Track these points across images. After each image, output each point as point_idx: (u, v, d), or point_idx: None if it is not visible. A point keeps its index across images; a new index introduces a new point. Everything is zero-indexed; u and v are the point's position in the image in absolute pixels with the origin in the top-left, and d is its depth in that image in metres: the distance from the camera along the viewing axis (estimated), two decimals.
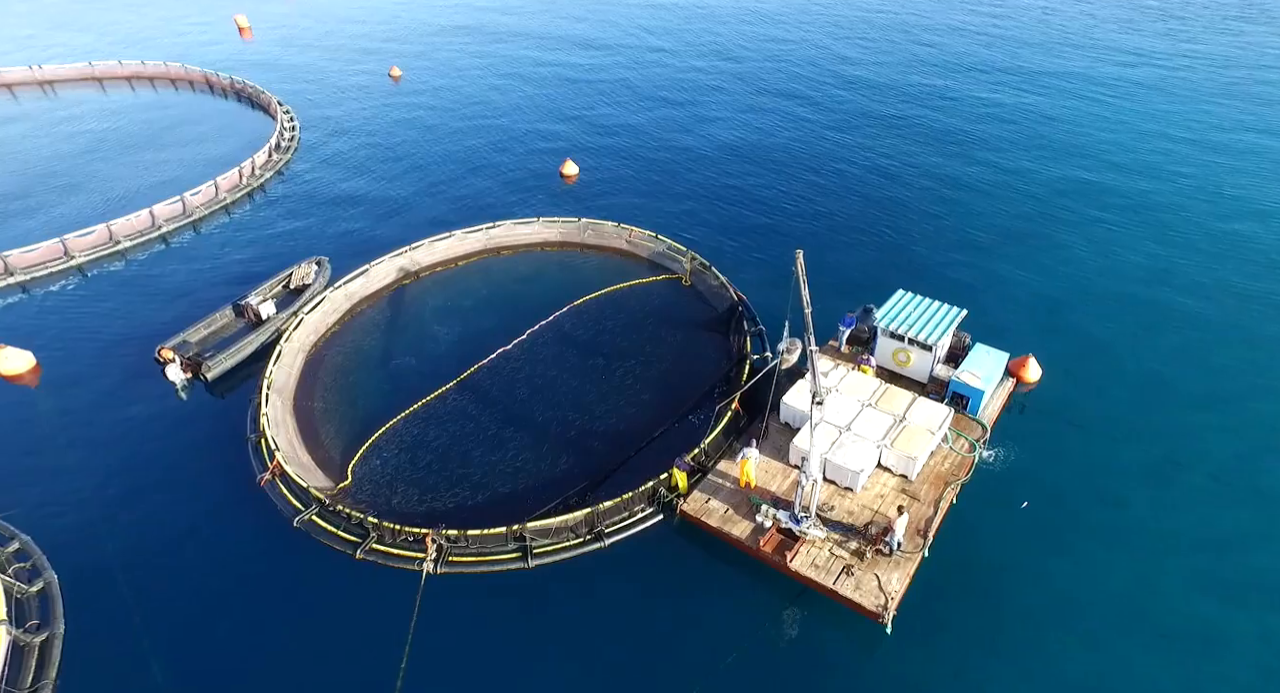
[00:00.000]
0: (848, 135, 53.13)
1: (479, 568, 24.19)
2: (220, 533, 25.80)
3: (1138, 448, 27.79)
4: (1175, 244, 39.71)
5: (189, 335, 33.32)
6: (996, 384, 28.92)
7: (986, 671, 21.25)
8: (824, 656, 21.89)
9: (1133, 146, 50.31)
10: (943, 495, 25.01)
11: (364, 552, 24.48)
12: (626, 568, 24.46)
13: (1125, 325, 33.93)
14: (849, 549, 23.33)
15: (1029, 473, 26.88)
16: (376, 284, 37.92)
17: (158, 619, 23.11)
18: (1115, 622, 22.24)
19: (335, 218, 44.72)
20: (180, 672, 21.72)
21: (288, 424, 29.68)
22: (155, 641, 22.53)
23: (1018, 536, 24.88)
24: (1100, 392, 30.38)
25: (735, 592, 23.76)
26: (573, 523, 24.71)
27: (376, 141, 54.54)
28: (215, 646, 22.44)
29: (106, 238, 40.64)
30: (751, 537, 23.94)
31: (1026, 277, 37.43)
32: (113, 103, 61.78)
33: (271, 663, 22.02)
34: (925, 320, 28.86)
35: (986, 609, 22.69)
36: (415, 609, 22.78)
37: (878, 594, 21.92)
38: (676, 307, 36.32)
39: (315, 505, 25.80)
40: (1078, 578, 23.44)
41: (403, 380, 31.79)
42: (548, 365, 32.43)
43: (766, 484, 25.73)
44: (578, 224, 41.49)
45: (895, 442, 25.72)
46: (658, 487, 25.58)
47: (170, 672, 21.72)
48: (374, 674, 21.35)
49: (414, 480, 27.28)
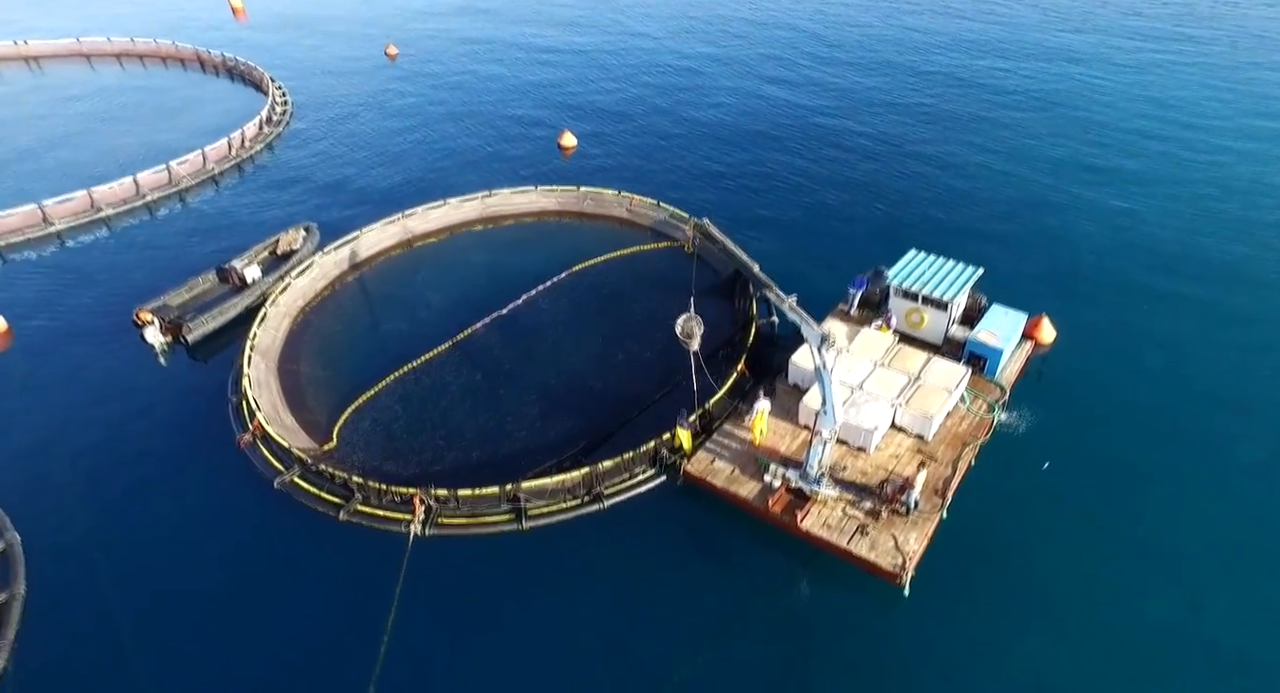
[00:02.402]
0: (852, 113, 51.78)
1: (470, 531, 22.79)
2: (196, 495, 24.43)
3: (1159, 413, 26.38)
4: (1200, 217, 38.32)
5: (169, 299, 31.94)
6: (1015, 346, 27.58)
7: (1007, 634, 19.90)
8: (838, 619, 20.52)
9: (1159, 118, 48.96)
10: (961, 456, 23.64)
11: (348, 513, 23.10)
12: (627, 531, 23.08)
13: (1143, 292, 32.55)
14: (863, 509, 21.96)
15: (1049, 436, 25.51)
16: (367, 251, 36.54)
17: (127, 583, 21.76)
18: (1137, 587, 20.85)
19: (327, 189, 43.34)
20: (148, 635, 20.36)
21: (271, 386, 28.29)
22: (123, 604, 21.18)
23: (1038, 499, 23.51)
24: (1118, 356, 28.99)
25: (742, 555, 22.38)
26: (570, 484, 23.32)
27: (371, 117, 53.16)
28: (186, 609, 21.09)
29: (88, 205, 39.26)
30: (759, 497, 22.57)
31: (1042, 245, 36.08)
32: (101, 79, 60.37)
33: (246, 626, 20.62)
34: (940, 278, 27.53)
35: (1008, 573, 21.34)
36: (402, 571, 21.37)
37: (895, 553, 20.56)
38: (679, 273, 34.82)
39: (297, 467, 24.41)
40: (1098, 543, 22.05)
41: (393, 345, 30.39)
42: (545, 329, 31.09)
43: (775, 445, 24.35)
44: (577, 192, 40.15)
45: (910, 401, 24.38)
46: (660, 447, 24.20)
47: (138, 636, 20.33)
48: (356, 638, 19.94)
49: (403, 443, 25.90)
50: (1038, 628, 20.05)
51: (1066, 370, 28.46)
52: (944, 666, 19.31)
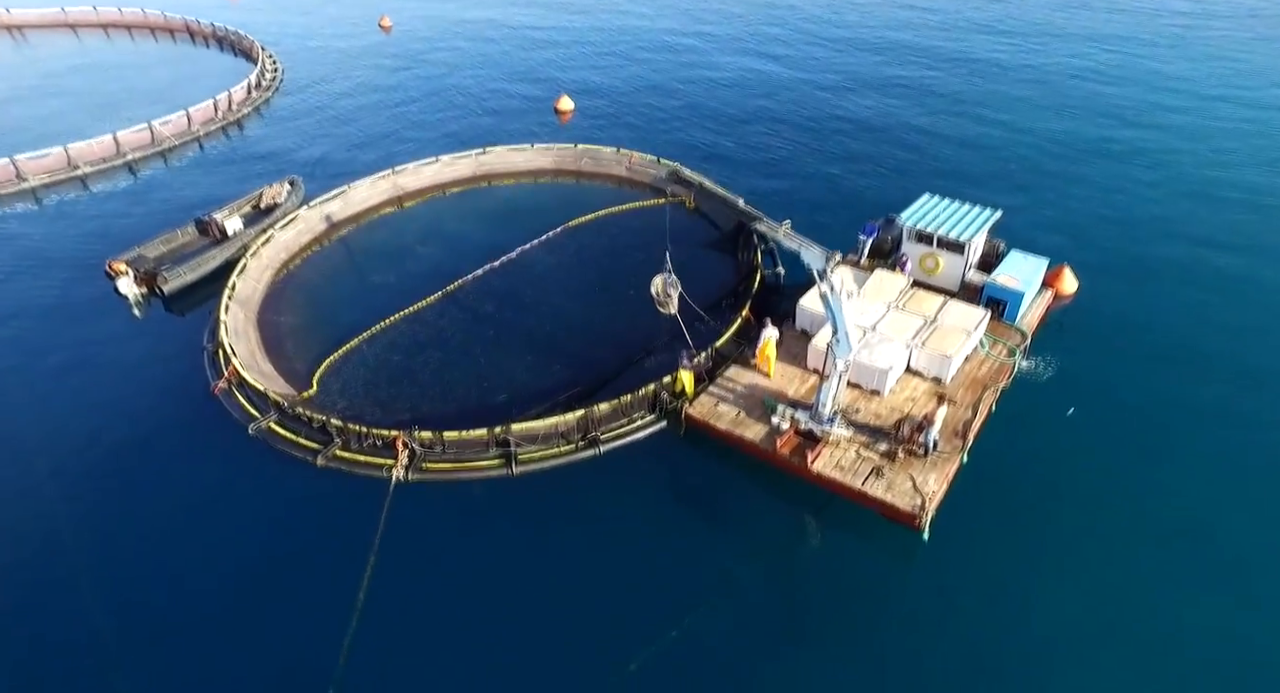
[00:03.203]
0: (855, 86, 50.37)
1: (455, 476, 21.28)
2: (165, 442, 22.88)
3: (1185, 365, 24.71)
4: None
5: (145, 250, 30.45)
6: (1036, 293, 26.09)
7: (1029, 584, 18.18)
8: (851, 568, 18.95)
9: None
10: (981, 399, 22.13)
11: (326, 459, 21.58)
12: (624, 477, 21.57)
13: (1170, 246, 31.06)
14: (878, 451, 20.44)
15: (1072, 384, 23.88)
16: (355, 207, 35.08)
17: (86, 531, 20.20)
18: (1165, 542, 19.16)
19: (317, 153, 41.68)
20: (110, 585, 18.77)
21: (250, 336, 26.81)
22: (83, 552, 19.61)
23: (1062, 446, 21.89)
24: (1144, 310, 27.40)
25: (748, 502, 20.87)
26: (564, 428, 21.80)
27: (364, 86, 51.71)
28: (148, 558, 19.50)
29: (65, 162, 37.80)
30: (766, 440, 21.05)
31: (1064, 199, 34.59)
32: (86, 48, 58.94)
33: (212, 574, 19.05)
34: (956, 220, 26.04)
35: (1031, 522, 19.67)
36: (382, 516, 19.87)
37: (913, 494, 19.04)
38: (681, 227, 33.37)
39: (274, 412, 22.91)
40: (1125, 495, 20.28)
41: (380, 297, 28.83)
42: (541, 281, 29.60)
43: (783, 389, 22.85)
44: (574, 150, 38.70)
45: (927, 342, 22.88)
46: (660, 391, 22.69)
47: (100, 585, 18.75)
48: (332, 586, 18.41)
49: (387, 391, 24.39)
50: (1061, 579, 18.35)
51: (1090, 322, 26.84)
52: (964, 616, 17.69)
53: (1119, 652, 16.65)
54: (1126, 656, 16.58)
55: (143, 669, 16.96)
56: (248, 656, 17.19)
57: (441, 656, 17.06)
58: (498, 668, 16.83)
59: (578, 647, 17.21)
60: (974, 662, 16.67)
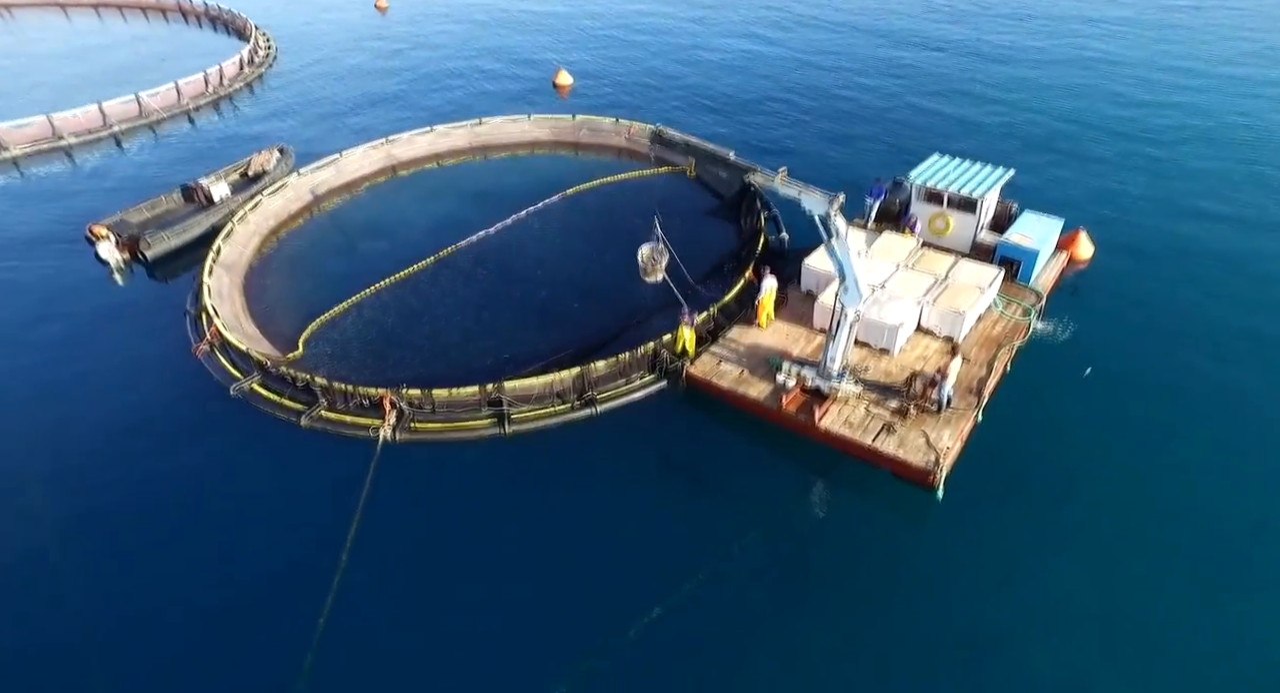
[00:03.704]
0: (858, 58, 49.42)
1: (445, 436, 20.31)
2: (140, 404, 21.91)
3: (1209, 333, 23.63)
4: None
5: (128, 216, 29.52)
6: (1050, 253, 25.13)
7: (1046, 549, 17.12)
8: (861, 531, 17.95)
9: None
10: (996, 357, 21.16)
11: (310, 419, 20.61)
12: (623, 438, 20.60)
13: (1190, 216, 30.04)
14: (888, 409, 19.47)
15: (1090, 346, 22.88)
16: (347, 176, 34.12)
17: (60, 494, 19.21)
18: (1180, 513, 18.02)
19: (310, 129, 40.64)
20: (87, 550, 17.77)
21: (234, 299, 25.87)
22: (59, 517, 18.61)
23: (1080, 409, 20.85)
24: (1163, 278, 26.30)
25: (752, 463, 19.90)
26: (559, 387, 20.83)
27: (359, 63, 50.73)
28: (122, 523, 18.51)
29: (48, 132, 36.85)
30: (771, 398, 20.08)
31: (1078, 161, 33.63)
32: (77, 29, 58.00)
33: (189, 538, 18.08)
34: (967, 178, 25.07)
35: (1048, 484, 18.62)
36: (368, 476, 18.90)
37: (926, 450, 18.06)
38: (682, 195, 32.54)
39: (257, 373, 21.94)
40: (1144, 458, 19.29)
41: (371, 263, 27.84)
42: (536, 246, 28.65)
43: (788, 349, 21.89)
44: (572, 122, 37.71)
45: (939, 299, 21.92)
46: (660, 350, 21.72)
47: (75, 551, 17.75)
48: (315, 548, 17.44)
49: (376, 353, 23.44)
50: (1077, 546, 17.27)
51: (1107, 287, 25.78)
52: (976, 582, 16.60)
53: (1133, 623, 15.53)
54: (1140, 627, 15.47)
55: (116, 633, 16.00)
56: (225, 619, 16.22)
57: (427, 621, 16.08)
58: (487, 635, 15.84)
59: (573, 614, 16.20)
60: (986, 630, 15.61)
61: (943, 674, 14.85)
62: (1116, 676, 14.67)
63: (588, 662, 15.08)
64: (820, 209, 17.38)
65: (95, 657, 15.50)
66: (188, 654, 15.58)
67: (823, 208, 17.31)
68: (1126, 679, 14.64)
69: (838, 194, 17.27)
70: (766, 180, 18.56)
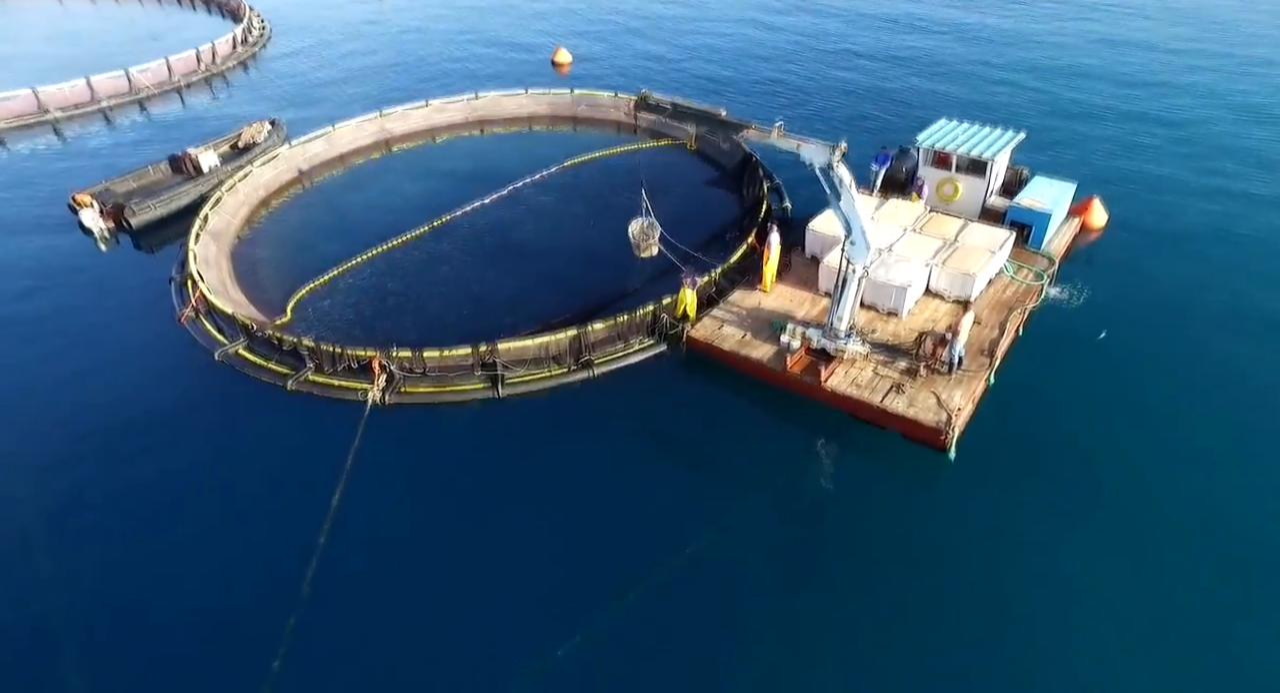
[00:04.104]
0: (861, 30, 48.64)
1: (437, 399, 19.56)
2: (123, 372, 21.09)
3: (1222, 306, 22.78)
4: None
5: (113, 185, 28.76)
6: (1063, 218, 24.38)
7: (1059, 516, 16.27)
8: (869, 495, 17.11)
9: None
10: (1008, 319, 20.41)
11: (297, 383, 19.86)
12: (621, 401, 19.85)
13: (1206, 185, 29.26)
14: (897, 370, 18.71)
15: (1103, 313, 22.07)
16: (340, 149, 33.35)
17: (43, 461, 18.45)
18: (1206, 480, 17.12)
19: (303, 113, 39.65)
20: (67, 516, 17.00)
21: (221, 266, 25.12)
22: (42, 484, 17.83)
23: (1095, 374, 20.06)
24: (1179, 247, 25.50)
25: (754, 428, 19.12)
26: (555, 350, 20.08)
27: (354, 45, 49.86)
28: (105, 490, 17.74)
29: (34, 106, 36.09)
30: (775, 359, 19.33)
31: (1087, 153, 32.76)
32: (69, 11, 57.22)
33: (164, 503, 17.32)
34: (977, 140, 24.33)
35: (1061, 449, 17.77)
36: (356, 439, 18.17)
37: (937, 409, 17.30)
38: (682, 167, 31.87)
39: (242, 337, 21.20)
40: (1161, 426, 18.47)
41: (364, 232, 27.09)
42: (535, 216, 27.93)
43: (792, 312, 21.14)
44: (570, 96, 36.94)
45: (948, 261, 21.16)
46: (660, 313, 20.96)
47: (57, 516, 16.99)
48: (299, 514, 16.67)
49: (367, 319, 22.71)
50: (1093, 511, 16.48)
51: (1121, 256, 24.93)
52: (988, 549, 15.80)
53: (1147, 594, 14.68)
54: (1153, 598, 14.62)
55: (102, 594, 15.27)
56: (205, 585, 15.44)
57: (413, 587, 15.28)
58: (478, 601, 15.04)
59: (569, 581, 15.37)
60: (999, 598, 14.75)
61: (954, 640, 14.06)
62: (1131, 647, 13.81)
63: (583, 629, 14.29)
64: (821, 159, 16.60)
65: (79, 620, 14.77)
66: (168, 619, 14.81)
67: (824, 157, 16.53)
68: (1141, 650, 13.77)
69: (839, 142, 16.49)
70: (763, 135, 17.74)
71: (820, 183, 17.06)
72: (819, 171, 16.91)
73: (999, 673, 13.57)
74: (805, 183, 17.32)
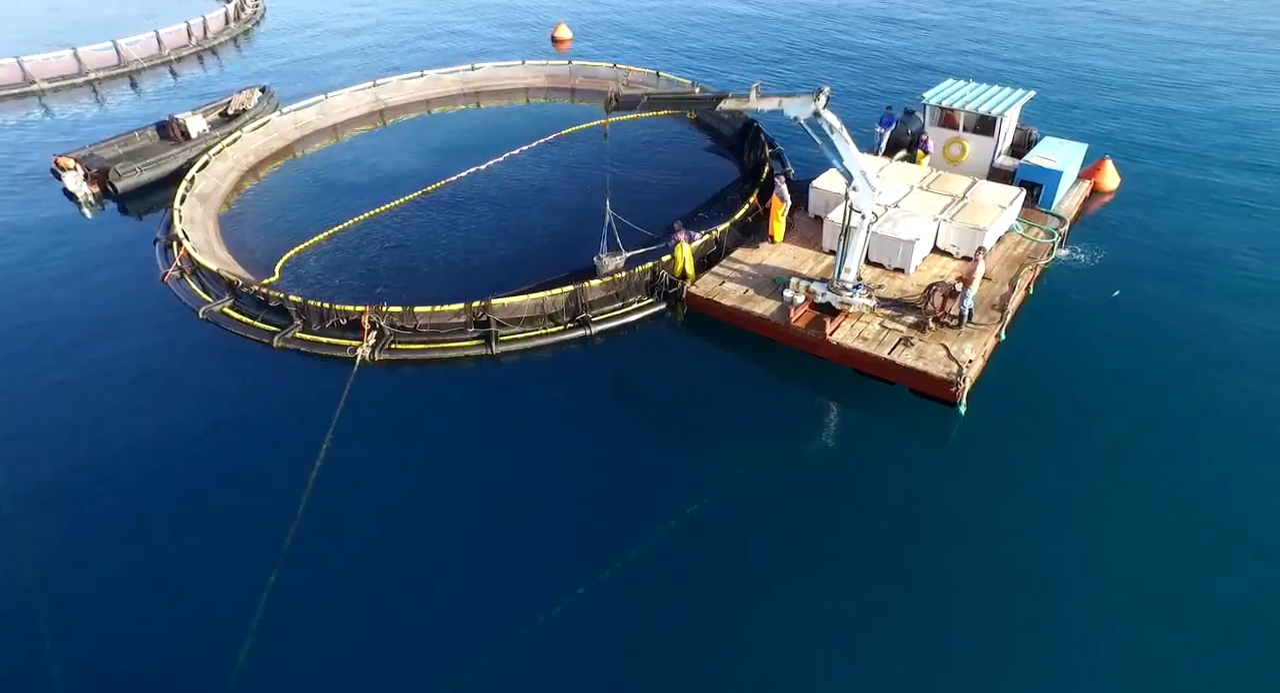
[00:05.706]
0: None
1: (428, 356, 18.89)
2: (103, 333, 20.42)
3: (1235, 274, 21.94)
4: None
5: (99, 150, 28.03)
6: (1074, 179, 23.71)
7: (1074, 477, 15.51)
8: (876, 454, 16.36)
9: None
10: (1019, 275, 19.74)
11: (284, 340, 19.18)
12: (619, 361, 19.28)
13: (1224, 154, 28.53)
14: (905, 323, 18.05)
15: (1117, 273, 21.39)
16: (333, 119, 32.65)
17: (24, 421, 17.78)
18: (1222, 448, 16.22)
19: (297, 85, 38.98)
20: (51, 475, 16.31)
21: (208, 227, 24.42)
22: (25, 444, 17.15)
23: (1108, 334, 19.33)
24: (1197, 209, 24.79)
25: (756, 387, 18.48)
26: (551, 307, 19.40)
27: (351, 26, 49.08)
28: (82, 451, 17.06)
29: (19, 76, 35.34)
30: (778, 314, 18.66)
31: (1096, 129, 32.09)
32: None
33: (147, 461, 16.63)
34: (985, 98, 23.64)
35: (1075, 410, 17.00)
36: (343, 396, 17.50)
37: (948, 362, 16.64)
38: (683, 135, 31.24)
39: (228, 294, 20.53)
40: (1173, 393, 17.56)
41: (355, 197, 26.47)
42: (531, 181, 27.25)
43: (796, 269, 20.47)
44: (567, 67, 36.25)
45: (956, 216, 20.49)
46: (659, 271, 20.28)
47: (41, 475, 16.29)
48: (283, 471, 15.99)
49: (357, 279, 22.04)
50: (1107, 475, 15.70)
51: (1133, 219, 24.21)
52: (1000, 513, 15.02)
53: (1162, 562, 13.86)
54: (1168, 567, 13.80)
55: (82, 549, 14.60)
56: (187, 544, 14.77)
57: (402, 544, 14.61)
58: (471, 558, 14.37)
59: (562, 544, 14.57)
60: (1010, 565, 13.95)
61: (967, 604, 13.34)
62: (1145, 617, 13.08)
63: (577, 588, 13.58)
64: (805, 111, 15.91)
65: (60, 575, 14.09)
66: (149, 577, 14.12)
67: (808, 108, 15.85)
68: (1155, 621, 13.04)
69: (820, 88, 15.80)
70: (741, 101, 17.00)
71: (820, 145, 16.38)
72: (807, 125, 16.22)
73: (1013, 638, 12.85)
74: (808, 145, 16.60)
